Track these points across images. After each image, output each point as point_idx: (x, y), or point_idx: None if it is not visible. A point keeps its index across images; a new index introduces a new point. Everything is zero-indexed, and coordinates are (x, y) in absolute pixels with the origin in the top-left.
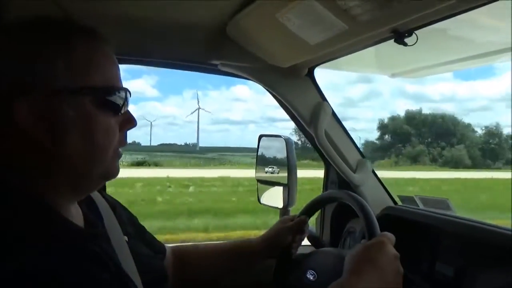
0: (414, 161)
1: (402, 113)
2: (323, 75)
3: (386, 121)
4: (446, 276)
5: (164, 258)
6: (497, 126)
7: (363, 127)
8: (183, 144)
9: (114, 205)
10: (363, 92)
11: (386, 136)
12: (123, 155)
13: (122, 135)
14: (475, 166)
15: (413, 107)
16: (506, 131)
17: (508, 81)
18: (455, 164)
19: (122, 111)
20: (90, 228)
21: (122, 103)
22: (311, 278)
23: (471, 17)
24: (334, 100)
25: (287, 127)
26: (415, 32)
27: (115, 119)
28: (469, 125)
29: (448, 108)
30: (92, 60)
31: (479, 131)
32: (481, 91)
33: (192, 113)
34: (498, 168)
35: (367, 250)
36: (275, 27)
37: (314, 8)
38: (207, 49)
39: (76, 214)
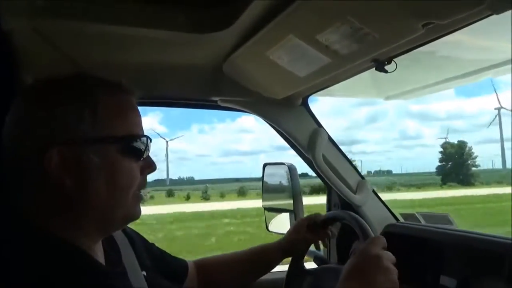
0: None
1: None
2: (326, 100)
3: None
4: None
5: (185, 278)
6: None
7: (374, 149)
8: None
9: (133, 237)
10: (368, 114)
11: None
12: None
13: (142, 179)
14: None
15: (420, 126)
16: None
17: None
18: None
19: (144, 156)
20: (111, 266)
21: (144, 149)
22: None
23: (456, 38)
24: (340, 123)
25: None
26: (394, 60)
27: (137, 164)
28: None
29: (457, 124)
30: (116, 111)
31: None
32: (487, 105)
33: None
34: None
35: (353, 260)
36: (266, 64)
37: (299, 45)
38: (207, 87)
39: (99, 253)
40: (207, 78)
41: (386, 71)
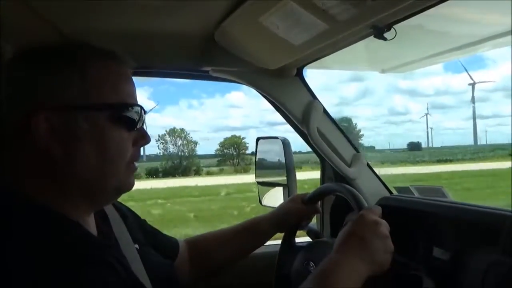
0: None
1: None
2: (315, 76)
3: None
4: (443, 260)
5: (176, 257)
6: None
7: (364, 125)
8: None
9: (125, 213)
10: (357, 91)
11: None
12: None
13: (136, 150)
14: None
15: (409, 102)
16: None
17: (501, 71)
18: None
19: (138, 127)
20: (104, 239)
21: (137, 119)
22: (312, 270)
23: (450, 11)
24: (330, 100)
25: (288, 130)
26: (393, 27)
27: (129, 134)
28: None
29: (445, 101)
30: (106, 78)
31: None
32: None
33: None
34: None
35: (349, 226)
36: (259, 31)
37: (294, 10)
38: (198, 57)
39: (91, 225)
40: (199, 47)
41: (385, 39)
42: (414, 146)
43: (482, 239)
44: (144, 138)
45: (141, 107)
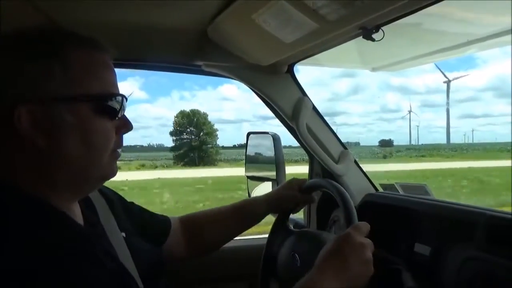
0: None
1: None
2: (307, 72)
3: None
4: (424, 255)
5: (167, 236)
6: None
7: (357, 121)
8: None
9: (111, 198)
10: (349, 86)
11: None
12: None
13: (118, 138)
14: None
15: (401, 99)
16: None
17: (491, 71)
18: None
19: (119, 115)
20: (90, 227)
21: (118, 108)
22: (297, 264)
23: (443, 10)
24: (322, 95)
25: (281, 124)
26: (382, 28)
27: (112, 123)
28: None
29: (437, 100)
30: (88, 68)
31: None
32: (466, 82)
33: None
34: None
35: (334, 243)
36: (252, 28)
37: (286, 9)
38: (191, 51)
39: (77, 214)
40: (192, 41)
41: (373, 39)
42: (385, 143)
43: (460, 235)
44: (126, 126)
45: (123, 96)
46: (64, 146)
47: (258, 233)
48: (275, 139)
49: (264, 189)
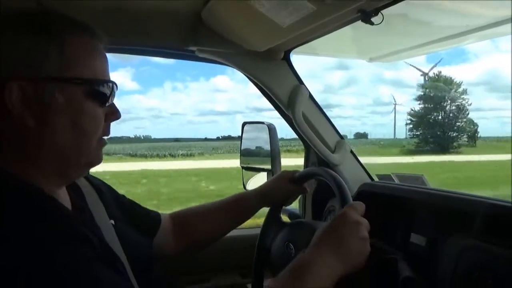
0: None
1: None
2: (300, 65)
3: None
4: (419, 245)
5: (156, 231)
6: None
7: (351, 114)
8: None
9: (100, 187)
10: (342, 79)
11: None
12: None
13: (106, 126)
14: None
15: (395, 92)
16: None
17: (483, 65)
18: None
19: (109, 102)
20: (77, 212)
21: (109, 93)
22: (292, 253)
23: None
24: (315, 87)
25: (275, 116)
26: (381, 11)
27: (102, 109)
28: None
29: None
30: (82, 53)
31: None
32: (458, 76)
33: None
34: None
35: (331, 222)
36: (247, 11)
37: None
38: (184, 36)
39: (64, 199)
40: (185, 25)
41: (372, 23)
42: (359, 136)
43: (458, 225)
44: (114, 114)
45: (114, 83)
46: (53, 127)
47: (251, 226)
48: (271, 129)
49: (259, 180)
